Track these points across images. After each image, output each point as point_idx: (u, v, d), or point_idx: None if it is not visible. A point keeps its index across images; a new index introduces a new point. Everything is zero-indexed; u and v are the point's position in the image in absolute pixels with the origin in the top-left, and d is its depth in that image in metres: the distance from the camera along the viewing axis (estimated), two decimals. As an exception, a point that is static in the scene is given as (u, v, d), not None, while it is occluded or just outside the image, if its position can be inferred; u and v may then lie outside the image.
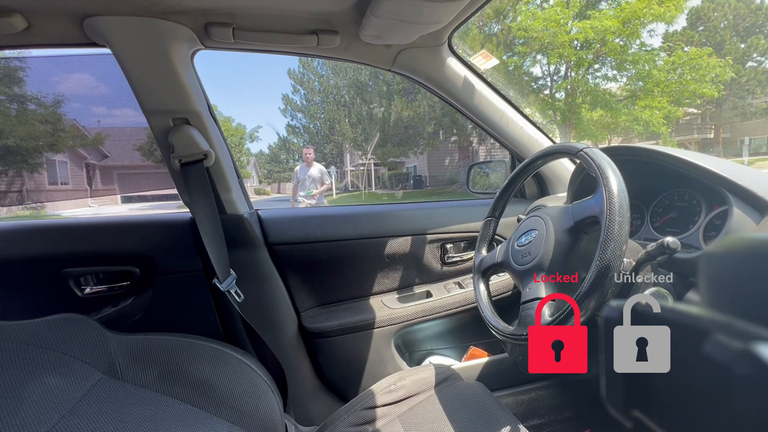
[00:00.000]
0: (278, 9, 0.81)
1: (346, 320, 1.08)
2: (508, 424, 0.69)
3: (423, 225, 1.18)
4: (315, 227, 1.12)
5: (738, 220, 0.65)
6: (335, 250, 1.12)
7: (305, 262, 1.11)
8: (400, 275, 1.19)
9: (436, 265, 1.20)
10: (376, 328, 1.09)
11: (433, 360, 1.18)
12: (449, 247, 1.21)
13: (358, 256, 1.14)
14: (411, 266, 1.19)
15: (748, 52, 21.71)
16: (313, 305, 1.15)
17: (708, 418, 0.21)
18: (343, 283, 1.16)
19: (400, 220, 1.18)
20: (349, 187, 20.42)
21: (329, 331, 1.08)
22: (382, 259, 1.15)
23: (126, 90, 0.83)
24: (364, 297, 1.18)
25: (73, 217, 1.20)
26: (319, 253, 1.11)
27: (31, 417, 0.53)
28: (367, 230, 1.15)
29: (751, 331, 0.21)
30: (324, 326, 1.08)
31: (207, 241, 0.90)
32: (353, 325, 1.08)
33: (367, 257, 1.15)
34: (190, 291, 1.05)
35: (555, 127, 13.38)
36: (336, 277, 1.15)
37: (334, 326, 1.08)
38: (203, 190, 0.92)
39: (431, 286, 1.21)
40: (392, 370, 1.11)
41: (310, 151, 4.98)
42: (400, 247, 1.16)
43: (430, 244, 1.19)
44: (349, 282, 1.16)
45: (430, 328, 1.18)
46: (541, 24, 12.77)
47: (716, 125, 23.94)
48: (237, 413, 0.71)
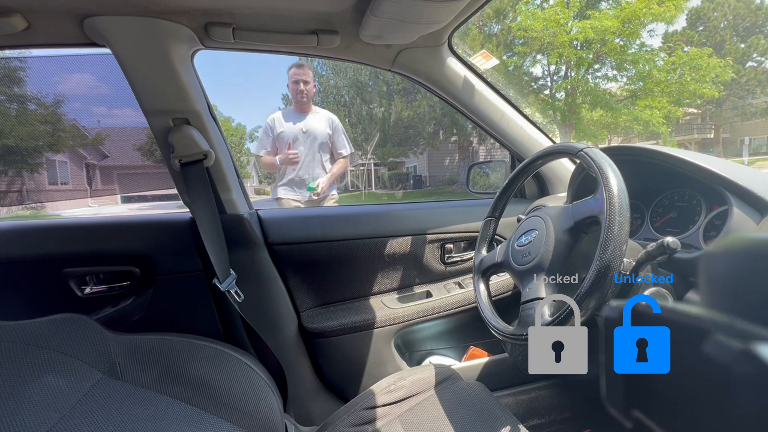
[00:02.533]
0: (278, 9, 0.81)
1: (346, 320, 1.08)
2: (508, 424, 0.69)
3: (423, 225, 1.18)
4: (315, 227, 1.12)
5: (738, 220, 0.65)
6: (335, 250, 1.12)
7: (305, 262, 1.11)
8: (400, 275, 1.19)
9: (436, 265, 1.21)
10: (376, 328, 1.09)
11: (433, 360, 1.18)
12: (449, 247, 1.21)
13: (358, 256, 1.14)
14: (411, 266, 1.19)
15: (748, 52, 21.71)
16: (313, 305, 1.15)
17: (708, 419, 0.21)
18: (343, 283, 1.16)
19: (401, 220, 1.18)
20: (349, 187, 20.42)
21: (329, 331, 1.08)
22: (382, 259, 1.16)
23: (126, 90, 0.83)
24: (364, 297, 1.18)
25: (73, 217, 1.20)
26: (319, 253, 1.11)
27: (32, 417, 0.53)
28: (367, 230, 1.15)
29: (751, 331, 0.21)
30: (324, 326, 1.08)
31: (207, 241, 0.90)
32: (353, 325, 1.08)
33: (367, 257, 1.15)
34: (190, 291, 1.05)
35: (555, 127, 13.38)
36: (336, 277, 1.15)
37: (334, 326, 1.08)
38: (203, 190, 0.92)
39: (431, 286, 1.21)
40: (392, 370, 1.11)
41: (302, 75, 2.20)
42: (400, 247, 1.16)
43: (430, 244, 1.19)
44: (349, 282, 1.16)
45: (430, 328, 1.18)
46: (541, 24, 12.77)
47: (716, 125, 23.94)
48: (237, 413, 0.71)
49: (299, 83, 2.21)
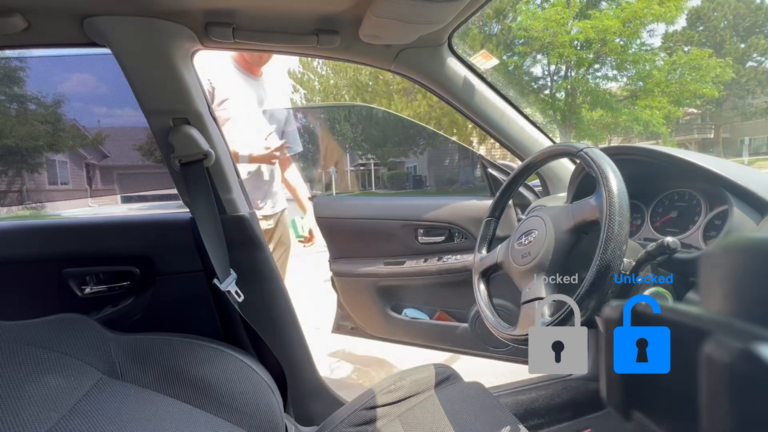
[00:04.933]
0: (278, 9, 0.81)
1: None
2: (508, 424, 0.69)
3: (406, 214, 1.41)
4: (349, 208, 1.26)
5: (738, 220, 0.65)
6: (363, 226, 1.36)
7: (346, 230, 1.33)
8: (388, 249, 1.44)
9: (411, 244, 1.42)
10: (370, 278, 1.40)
11: (408, 312, 1.43)
12: (421, 232, 1.41)
13: (367, 233, 1.41)
14: (395, 243, 1.41)
15: (748, 52, 21.72)
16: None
17: (708, 419, 0.21)
18: (360, 251, 1.44)
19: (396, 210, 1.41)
20: (349, 187, 20.41)
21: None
22: (372, 242, 1.41)
23: (126, 90, 0.82)
24: (368, 257, 1.44)
25: (73, 217, 1.20)
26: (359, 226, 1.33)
27: (31, 417, 0.53)
28: (375, 214, 1.39)
29: (751, 331, 0.21)
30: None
31: (207, 241, 0.90)
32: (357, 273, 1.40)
33: (373, 235, 1.41)
34: (190, 291, 1.05)
35: (555, 127, 13.39)
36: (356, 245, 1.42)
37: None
38: (203, 190, 0.92)
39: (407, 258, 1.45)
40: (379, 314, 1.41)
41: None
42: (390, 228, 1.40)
43: (405, 228, 1.41)
44: (362, 249, 1.45)
45: (409, 288, 1.44)
46: (541, 24, 12.78)
47: (716, 125, 23.95)
48: (237, 413, 0.71)
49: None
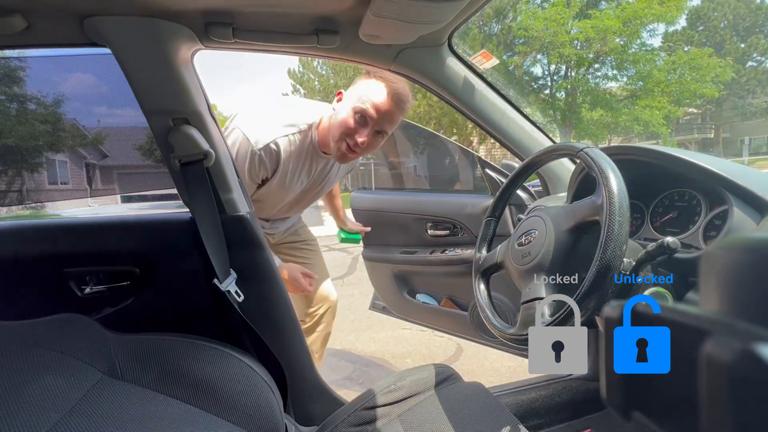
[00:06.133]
0: (278, 9, 0.81)
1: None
2: (508, 424, 0.69)
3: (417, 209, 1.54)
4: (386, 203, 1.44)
5: (738, 220, 0.65)
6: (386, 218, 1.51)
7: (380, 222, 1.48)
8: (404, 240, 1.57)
9: (423, 236, 1.53)
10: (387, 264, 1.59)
11: (420, 297, 1.58)
12: (430, 225, 1.51)
13: (384, 224, 1.61)
14: (409, 234, 1.55)
15: (748, 52, 21.73)
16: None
17: (708, 419, 0.21)
18: (384, 239, 1.64)
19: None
20: (348, 187, 20.43)
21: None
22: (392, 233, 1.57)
23: (126, 90, 0.82)
24: (387, 245, 1.63)
25: (73, 217, 1.20)
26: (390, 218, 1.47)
27: (31, 417, 0.53)
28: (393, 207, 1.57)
29: (751, 331, 0.20)
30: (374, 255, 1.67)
31: (207, 241, 0.90)
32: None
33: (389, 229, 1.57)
34: (190, 291, 1.05)
35: (555, 127, 13.39)
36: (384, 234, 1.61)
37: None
38: (203, 190, 0.92)
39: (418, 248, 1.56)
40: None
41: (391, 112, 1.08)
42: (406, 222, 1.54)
43: (417, 222, 1.52)
44: (383, 237, 1.65)
45: (421, 275, 1.59)
46: (541, 23, 12.78)
47: (716, 125, 23.95)
48: (237, 413, 0.71)
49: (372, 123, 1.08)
